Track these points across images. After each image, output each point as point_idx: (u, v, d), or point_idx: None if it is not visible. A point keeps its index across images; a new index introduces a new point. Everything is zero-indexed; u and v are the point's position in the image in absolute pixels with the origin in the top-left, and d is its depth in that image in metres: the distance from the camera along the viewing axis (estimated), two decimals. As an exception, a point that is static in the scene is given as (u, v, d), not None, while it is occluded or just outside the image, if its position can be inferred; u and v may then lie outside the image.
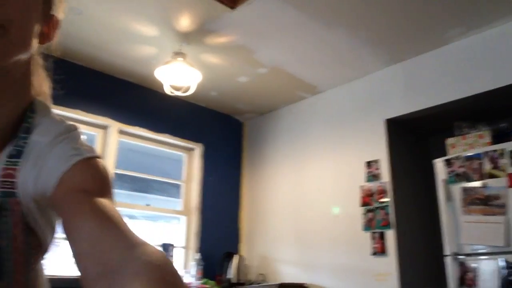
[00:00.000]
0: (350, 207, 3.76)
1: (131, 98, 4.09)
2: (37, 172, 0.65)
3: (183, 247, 4.26)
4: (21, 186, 0.65)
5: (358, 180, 3.76)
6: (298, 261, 4.08)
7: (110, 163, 3.76)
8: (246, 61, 3.73)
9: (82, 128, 0.76)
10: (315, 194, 4.09)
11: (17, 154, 0.66)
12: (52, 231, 0.72)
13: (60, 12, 0.73)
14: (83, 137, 0.72)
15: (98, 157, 0.69)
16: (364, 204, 3.66)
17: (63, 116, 0.80)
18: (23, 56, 0.64)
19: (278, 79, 4.04)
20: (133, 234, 0.55)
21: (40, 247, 0.70)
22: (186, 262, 4.21)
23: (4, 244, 0.64)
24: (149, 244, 0.53)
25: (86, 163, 0.66)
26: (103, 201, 0.61)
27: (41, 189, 0.65)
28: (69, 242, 0.57)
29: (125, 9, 3.06)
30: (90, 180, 0.65)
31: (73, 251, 0.56)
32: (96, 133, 3.88)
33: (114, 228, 0.56)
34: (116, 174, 3.90)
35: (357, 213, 3.69)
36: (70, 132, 0.70)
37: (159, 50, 3.56)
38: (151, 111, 4.20)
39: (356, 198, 3.73)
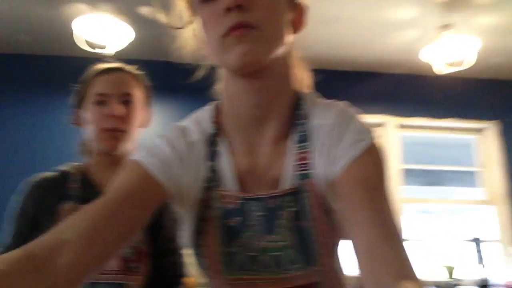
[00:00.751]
0: None
1: (402, 89, 3.92)
2: (325, 155, 0.66)
3: (496, 241, 3.71)
4: (314, 168, 0.67)
5: None
6: None
7: (394, 159, 3.67)
8: (536, 6, 3.02)
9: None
10: None
11: (304, 139, 0.69)
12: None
13: None
14: (358, 114, 0.72)
15: (378, 139, 0.68)
16: None
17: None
18: (280, 50, 0.66)
19: None
20: (404, 258, 0.52)
21: (337, 231, 0.69)
22: (501, 257, 3.64)
23: (307, 225, 0.66)
24: (418, 281, 0.48)
25: (370, 149, 0.65)
26: (384, 204, 0.60)
27: (327, 172, 0.66)
28: (350, 237, 0.58)
29: (378, 1, 2.97)
30: (373, 171, 0.63)
31: (354, 250, 0.56)
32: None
33: (389, 246, 0.54)
34: (404, 169, 3.78)
35: None
36: (347, 112, 0.70)
37: (423, 30, 3.27)
38: (427, 97, 3.91)
39: None
